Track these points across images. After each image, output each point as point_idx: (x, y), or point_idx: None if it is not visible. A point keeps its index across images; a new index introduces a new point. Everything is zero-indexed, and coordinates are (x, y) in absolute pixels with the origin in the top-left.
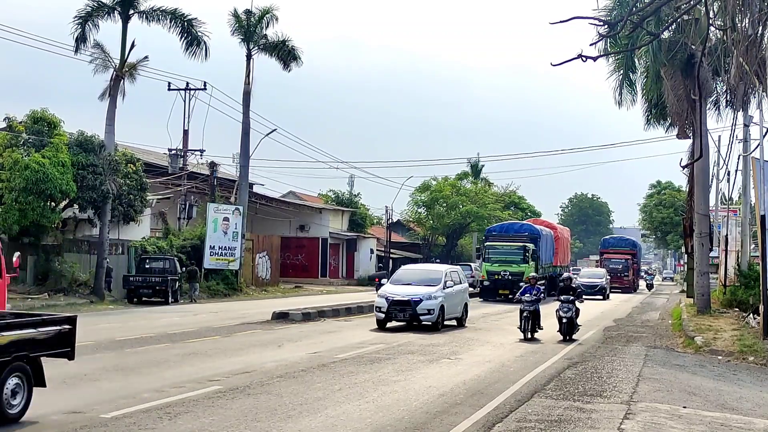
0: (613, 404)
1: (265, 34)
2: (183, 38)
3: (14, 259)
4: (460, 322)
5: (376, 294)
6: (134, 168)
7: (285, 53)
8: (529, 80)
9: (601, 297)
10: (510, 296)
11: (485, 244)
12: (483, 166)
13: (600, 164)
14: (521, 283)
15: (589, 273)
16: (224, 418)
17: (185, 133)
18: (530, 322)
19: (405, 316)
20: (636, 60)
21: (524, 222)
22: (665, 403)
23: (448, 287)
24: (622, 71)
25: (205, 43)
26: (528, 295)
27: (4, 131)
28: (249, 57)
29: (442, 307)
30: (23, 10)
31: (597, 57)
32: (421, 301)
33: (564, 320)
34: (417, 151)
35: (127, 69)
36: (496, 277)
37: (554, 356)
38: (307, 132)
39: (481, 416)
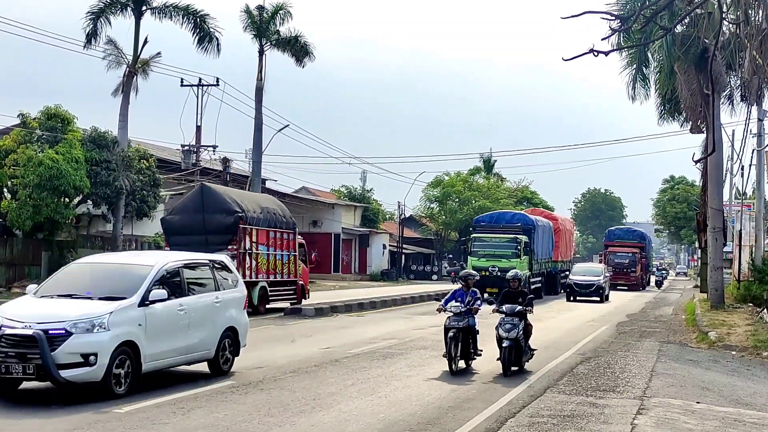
0: (626, 399)
1: (278, 30)
2: (195, 34)
3: (312, 256)
4: (216, 368)
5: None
6: (147, 164)
7: (298, 49)
8: (541, 76)
9: (597, 298)
10: (497, 296)
11: (472, 235)
12: (495, 161)
13: (613, 159)
14: (455, 281)
15: (584, 269)
16: (237, 412)
17: (198, 128)
18: (459, 346)
19: (23, 370)
20: (649, 54)
21: (517, 211)
22: (679, 399)
23: (163, 300)
24: (635, 66)
25: (217, 39)
26: (457, 302)
27: (18, 128)
28: (261, 53)
29: (123, 347)
30: (38, 9)
31: (609, 51)
32: (64, 336)
33: (505, 344)
34: (429, 146)
35: (140, 65)
36: (484, 273)
37: (567, 351)
38: (319, 128)
39: (493, 411)
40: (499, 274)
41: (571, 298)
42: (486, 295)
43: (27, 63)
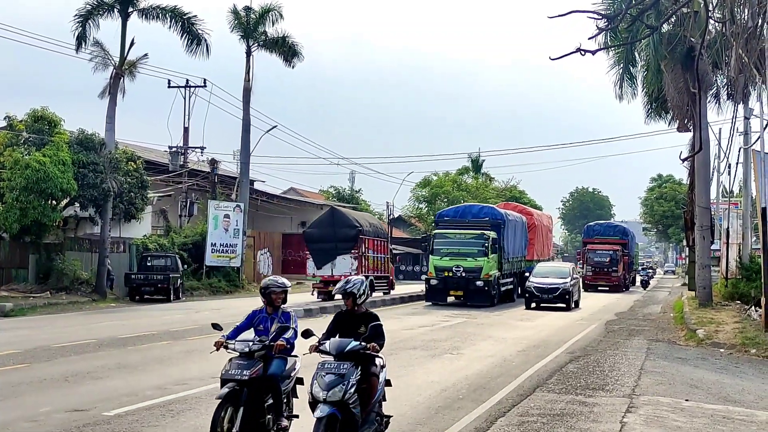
0: (615, 398)
1: (265, 31)
2: (183, 36)
3: (396, 258)
4: None
5: None
6: (135, 166)
7: (286, 49)
8: (529, 74)
9: (563, 305)
10: (464, 299)
11: (434, 232)
12: (484, 160)
13: (601, 158)
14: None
15: (547, 269)
16: None
17: (186, 130)
18: (239, 416)
19: None
20: (636, 53)
21: (485, 204)
22: (667, 396)
23: None
24: (622, 65)
25: (205, 40)
26: (250, 335)
27: (4, 130)
28: (249, 54)
29: None
30: (24, 9)
31: (596, 51)
32: None
33: (319, 412)
34: (418, 146)
35: (126, 67)
36: (447, 274)
37: (556, 350)
38: (307, 128)
39: (483, 411)
40: (464, 275)
41: (532, 306)
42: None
43: (13, 64)
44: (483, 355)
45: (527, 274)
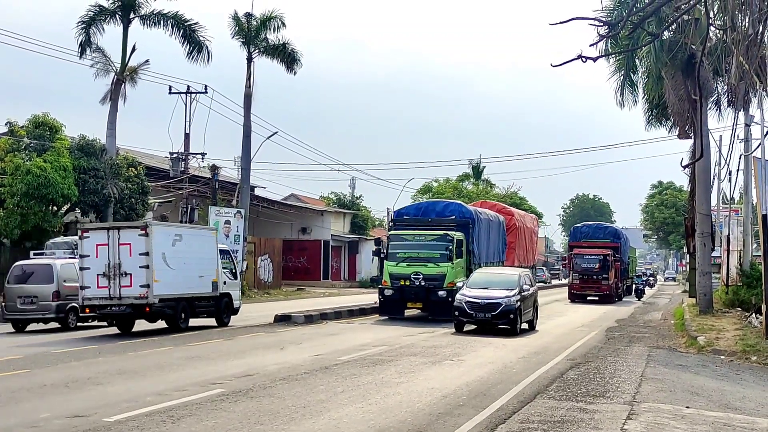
0: (616, 405)
1: (266, 38)
2: (184, 43)
3: None
4: None
5: None
6: (136, 171)
7: (286, 56)
8: (530, 81)
9: (506, 327)
10: (424, 312)
11: (390, 233)
12: (484, 167)
13: (602, 165)
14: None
15: (486, 277)
16: (227, 421)
17: (186, 136)
18: None
19: None
20: (637, 60)
21: (452, 201)
22: (668, 404)
23: None
24: (623, 72)
25: (206, 47)
26: None
27: (5, 136)
28: (249, 60)
29: None
30: (26, 15)
31: (597, 57)
32: None
33: None
34: (419, 152)
35: (128, 73)
36: (404, 282)
37: (557, 357)
38: (308, 134)
39: (484, 417)
40: (424, 284)
41: (462, 329)
42: None
43: (14, 70)
44: (483, 362)
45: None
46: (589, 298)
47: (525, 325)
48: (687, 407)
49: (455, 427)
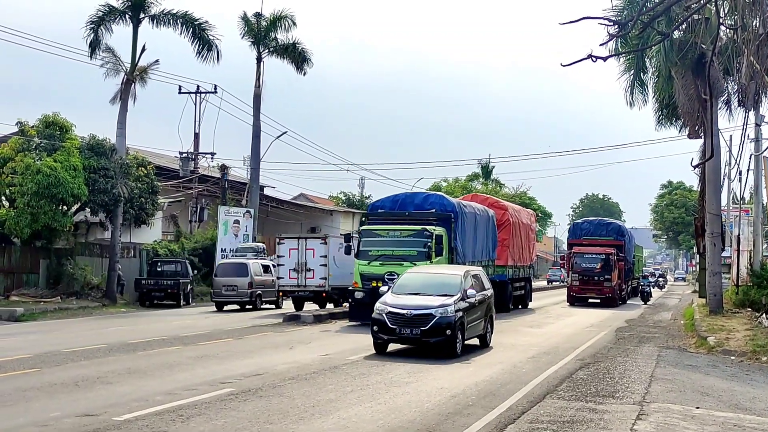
0: (625, 405)
1: (276, 38)
2: (194, 42)
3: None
4: None
5: None
6: (145, 171)
7: (296, 56)
8: (539, 81)
9: (442, 345)
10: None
11: (361, 229)
12: (494, 167)
13: (611, 164)
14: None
15: (420, 280)
16: (236, 420)
17: (196, 136)
18: None
19: None
20: (647, 60)
21: (433, 192)
22: (678, 404)
23: None
24: (632, 71)
25: (216, 46)
26: None
27: (16, 135)
28: (259, 60)
29: None
30: (35, 16)
31: (607, 57)
32: None
33: None
34: (427, 152)
35: (137, 73)
36: (376, 284)
37: (566, 357)
38: (317, 134)
39: (493, 417)
40: None
41: (384, 350)
42: None
43: (25, 70)
44: (492, 362)
45: (500, 282)
46: (590, 301)
47: (475, 341)
48: (697, 407)
49: (464, 427)
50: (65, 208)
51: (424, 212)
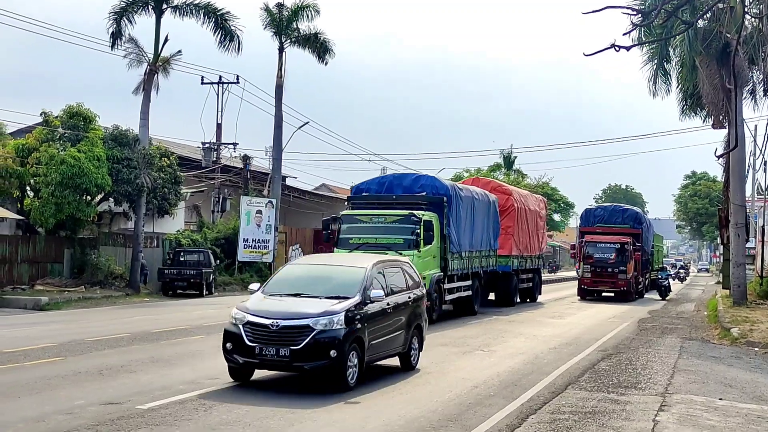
0: (648, 396)
1: (298, 28)
2: (216, 32)
3: None
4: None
5: None
6: (168, 161)
7: (318, 46)
8: (562, 72)
9: (324, 371)
10: None
11: (342, 214)
12: (516, 157)
13: (634, 155)
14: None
15: (305, 272)
16: (260, 409)
17: (218, 126)
18: None
19: None
20: (670, 50)
21: (423, 174)
22: (701, 395)
23: None
24: (656, 61)
25: (238, 36)
26: None
27: (40, 126)
28: (281, 50)
29: None
30: (58, 7)
31: (630, 47)
32: None
33: None
34: (449, 143)
35: (160, 63)
36: None
37: (588, 348)
38: (339, 125)
39: (514, 408)
40: None
41: (246, 378)
42: None
43: (50, 62)
44: (514, 353)
45: (503, 273)
46: (603, 294)
47: (396, 360)
48: (720, 399)
49: (485, 417)
50: (89, 198)
51: (413, 196)
